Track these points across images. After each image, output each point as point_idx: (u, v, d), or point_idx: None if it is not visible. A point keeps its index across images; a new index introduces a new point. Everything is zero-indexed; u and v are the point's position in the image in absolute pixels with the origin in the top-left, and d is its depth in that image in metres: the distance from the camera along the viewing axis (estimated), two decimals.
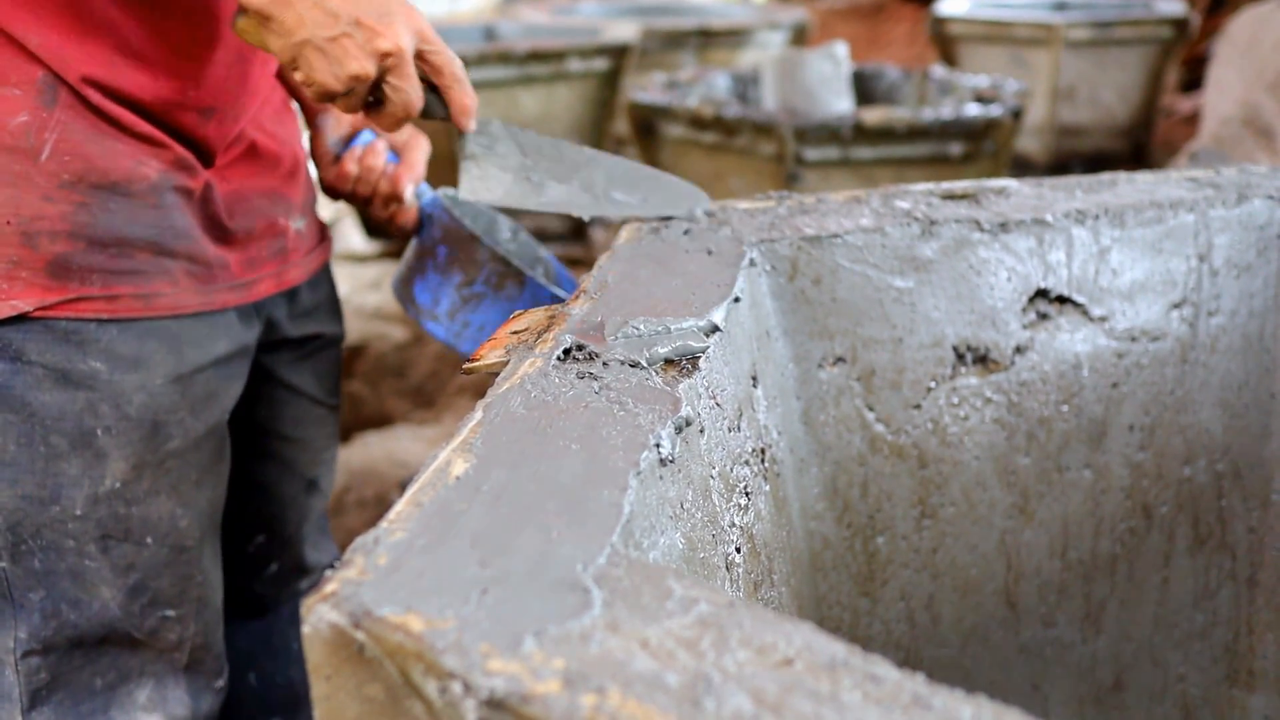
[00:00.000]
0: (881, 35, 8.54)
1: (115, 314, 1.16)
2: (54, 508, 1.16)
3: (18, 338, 1.13)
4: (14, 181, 1.10)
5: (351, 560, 0.60)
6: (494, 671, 0.51)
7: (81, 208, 1.13)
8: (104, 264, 1.15)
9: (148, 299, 1.18)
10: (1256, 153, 4.14)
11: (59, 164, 1.11)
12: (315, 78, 1.09)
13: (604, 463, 0.71)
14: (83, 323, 1.15)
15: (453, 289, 1.36)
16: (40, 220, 1.11)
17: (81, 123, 1.12)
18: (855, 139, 3.43)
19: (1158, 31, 5.59)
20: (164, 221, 1.18)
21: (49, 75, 1.10)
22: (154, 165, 1.16)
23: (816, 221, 1.23)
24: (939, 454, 1.25)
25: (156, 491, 1.21)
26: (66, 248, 1.13)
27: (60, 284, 1.13)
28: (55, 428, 1.15)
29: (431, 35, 1.15)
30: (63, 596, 1.18)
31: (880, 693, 0.51)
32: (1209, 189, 1.34)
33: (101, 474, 1.17)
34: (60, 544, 1.17)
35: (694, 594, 0.58)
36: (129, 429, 1.18)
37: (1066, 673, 1.35)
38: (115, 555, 1.19)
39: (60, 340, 1.14)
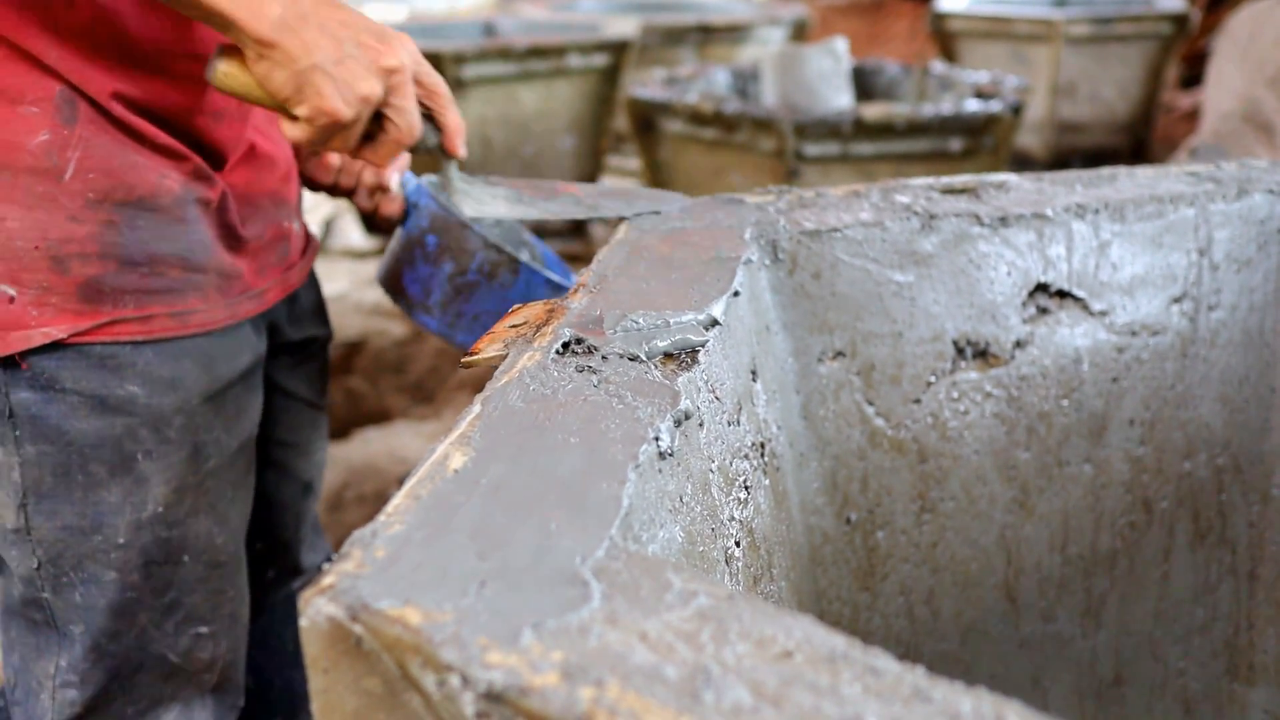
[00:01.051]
0: (881, 31, 8.54)
1: (151, 335, 1.14)
2: (96, 537, 1.14)
3: (51, 366, 1.10)
4: (39, 204, 1.07)
5: (349, 553, 0.60)
6: (492, 664, 0.51)
7: (110, 226, 1.10)
8: (137, 284, 1.12)
9: (182, 317, 1.16)
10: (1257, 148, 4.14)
11: (84, 182, 1.08)
12: (325, 105, 1.05)
13: (603, 456, 0.71)
14: (118, 346, 1.12)
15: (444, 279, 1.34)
16: (69, 243, 1.08)
17: (103, 138, 1.09)
18: (855, 135, 3.43)
19: (1158, 27, 5.59)
20: (190, 235, 1.16)
21: (67, 90, 1.07)
22: (176, 178, 1.14)
23: (816, 216, 1.22)
24: (939, 448, 1.25)
25: (196, 511, 1.19)
26: (98, 270, 1.10)
27: (93, 308, 1.10)
28: (94, 456, 1.12)
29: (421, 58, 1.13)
30: (102, 631, 1.16)
31: (880, 685, 0.50)
32: (1209, 183, 1.34)
33: (144, 499, 1.15)
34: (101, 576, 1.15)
35: (693, 587, 0.57)
36: (170, 452, 1.16)
37: (1066, 667, 1.35)
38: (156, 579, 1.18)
39: (96, 366, 1.11)
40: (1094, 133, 5.71)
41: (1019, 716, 0.49)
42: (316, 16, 1.03)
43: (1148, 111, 5.77)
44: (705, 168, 3.81)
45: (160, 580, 1.18)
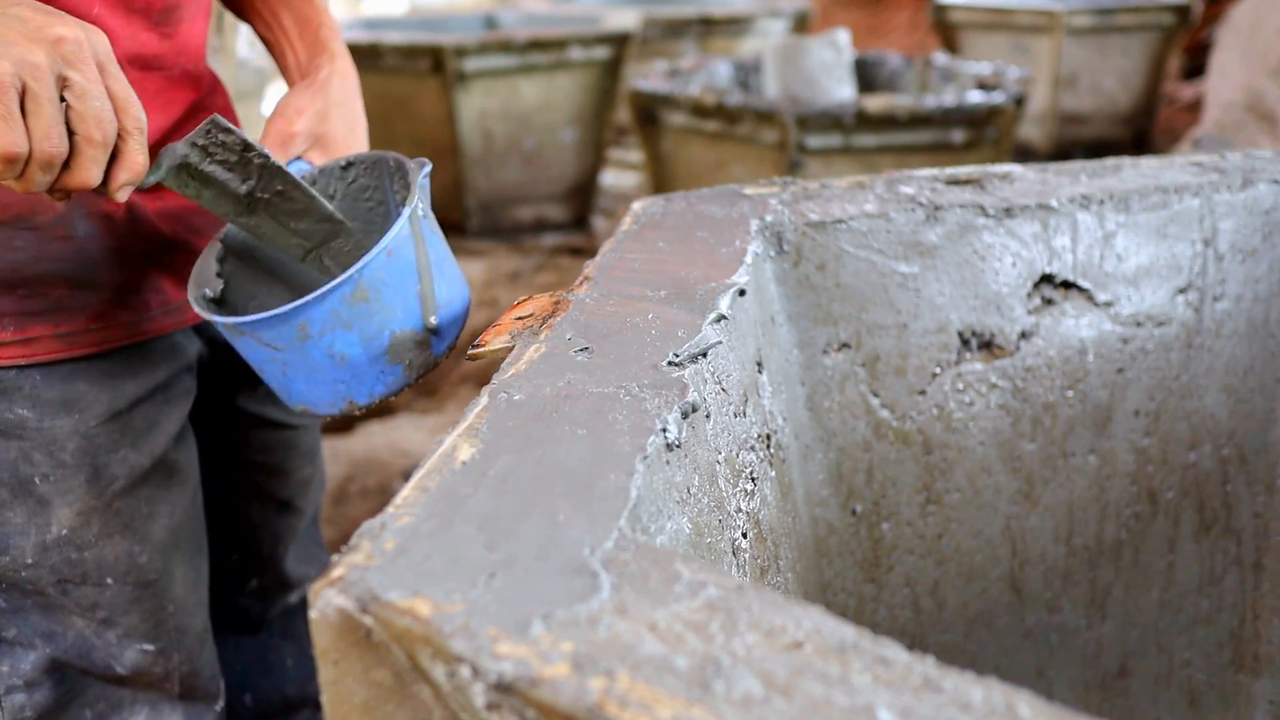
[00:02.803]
0: (883, 23, 8.53)
1: (34, 358, 1.07)
2: (4, 557, 1.10)
3: None
4: None
5: (358, 545, 0.60)
6: (502, 655, 0.51)
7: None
8: (14, 306, 1.05)
9: (69, 338, 1.09)
10: (1259, 138, 4.14)
11: None
12: None
13: (610, 448, 0.71)
14: (1, 370, 1.06)
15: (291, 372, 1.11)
16: None
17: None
18: (857, 126, 3.43)
19: (1159, 18, 5.59)
20: (79, 253, 1.08)
21: None
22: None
23: (821, 207, 1.22)
24: (944, 440, 1.25)
25: (109, 534, 1.14)
26: None
27: None
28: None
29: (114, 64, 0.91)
30: (36, 630, 1.14)
31: (890, 675, 0.50)
32: (1214, 174, 1.34)
33: (47, 522, 1.10)
34: (21, 586, 1.12)
35: (702, 577, 0.57)
36: (67, 475, 1.10)
37: (1071, 658, 1.35)
38: (77, 596, 1.14)
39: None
40: (1096, 124, 5.70)
41: (1030, 706, 0.49)
42: None
43: (1150, 102, 5.77)
44: (707, 160, 3.81)
45: (85, 599, 1.14)
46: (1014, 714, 0.48)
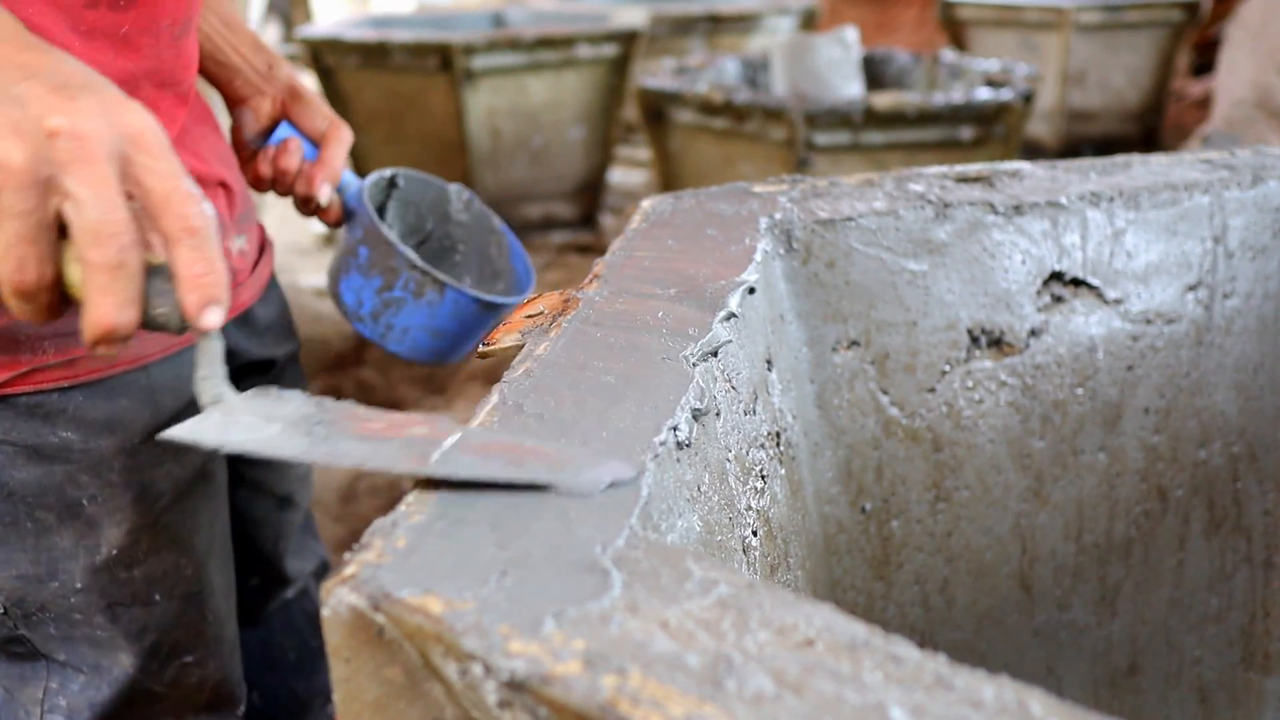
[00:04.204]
0: (890, 20, 8.52)
1: (77, 379, 1.06)
2: (53, 584, 1.09)
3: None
4: None
5: (370, 543, 0.60)
6: (514, 653, 0.51)
7: None
8: (53, 329, 1.03)
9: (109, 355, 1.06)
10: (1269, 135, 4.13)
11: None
12: None
13: (621, 445, 0.71)
14: (44, 394, 1.05)
15: (374, 292, 1.30)
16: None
17: None
18: (866, 123, 3.42)
19: (1168, 15, 5.58)
20: None
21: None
22: None
23: (830, 205, 1.22)
24: (953, 437, 1.25)
25: (157, 549, 1.14)
26: (7, 320, 1.01)
27: (11, 358, 1.03)
28: (39, 503, 1.07)
29: (157, 146, 0.75)
30: (84, 660, 1.13)
31: (902, 673, 0.50)
32: (1224, 170, 1.34)
33: (96, 543, 1.10)
34: (69, 616, 1.12)
35: (713, 575, 0.57)
36: (115, 495, 1.10)
37: (1081, 656, 1.35)
38: (126, 621, 1.13)
39: (25, 415, 1.05)
40: (1104, 121, 5.69)
41: (1041, 704, 0.49)
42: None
43: (1158, 99, 5.76)
44: (715, 157, 3.81)
45: (134, 623, 1.14)
46: (1026, 712, 0.48)
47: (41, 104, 0.71)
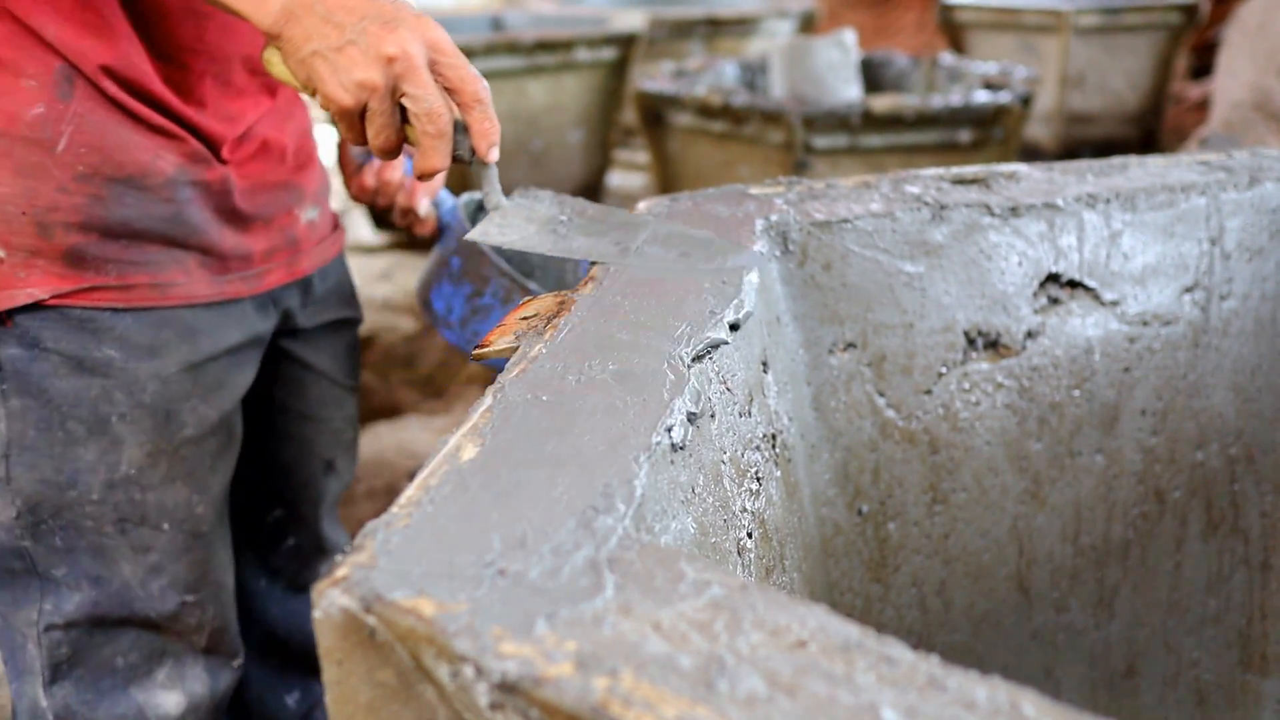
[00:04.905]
0: (889, 23, 8.52)
1: (130, 303, 1.18)
2: (71, 492, 1.18)
3: (34, 325, 1.15)
4: (31, 172, 1.11)
5: (362, 545, 0.60)
6: (506, 655, 0.51)
7: (96, 201, 1.14)
8: (118, 254, 1.16)
9: (162, 288, 1.19)
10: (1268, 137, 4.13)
11: (75, 156, 1.12)
12: (326, 90, 1.04)
13: (615, 447, 0.71)
14: (98, 311, 1.16)
15: (463, 299, 1.38)
16: (55, 211, 1.13)
17: (98, 115, 1.13)
18: (864, 126, 3.42)
19: (1167, 18, 5.58)
20: (178, 215, 1.19)
21: (66, 67, 1.11)
22: (170, 159, 1.17)
23: (826, 207, 1.22)
24: (950, 439, 1.25)
25: (172, 479, 1.23)
26: (80, 239, 1.14)
27: (76, 273, 1.15)
28: (72, 414, 1.17)
29: (448, 48, 1.05)
30: (84, 573, 1.21)
31: (895, 674, 0.50)
32: (1220, 172, 1.34)
33: (117, 460, 1.19)
34: (79, 524, 1.19)
35: (706, 577, 0.57)
36: (143, 416, 1.19)
37: (1079, 658, 1.35)
38: (133, 537, 1.22)
39: (75, 328, 1.16)
40: (1103, 123, 5.69)
41: (1034, 705, 0.49)
42: (321, 4, 1.02)
43: (1157, 102, 5.75)
44: (714, 160, 3.81)
45: (140, 541, 1.22)
46: (1018, 713, 0.48)
47: (377, 38, 1.01)
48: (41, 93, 1.11)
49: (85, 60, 1.11)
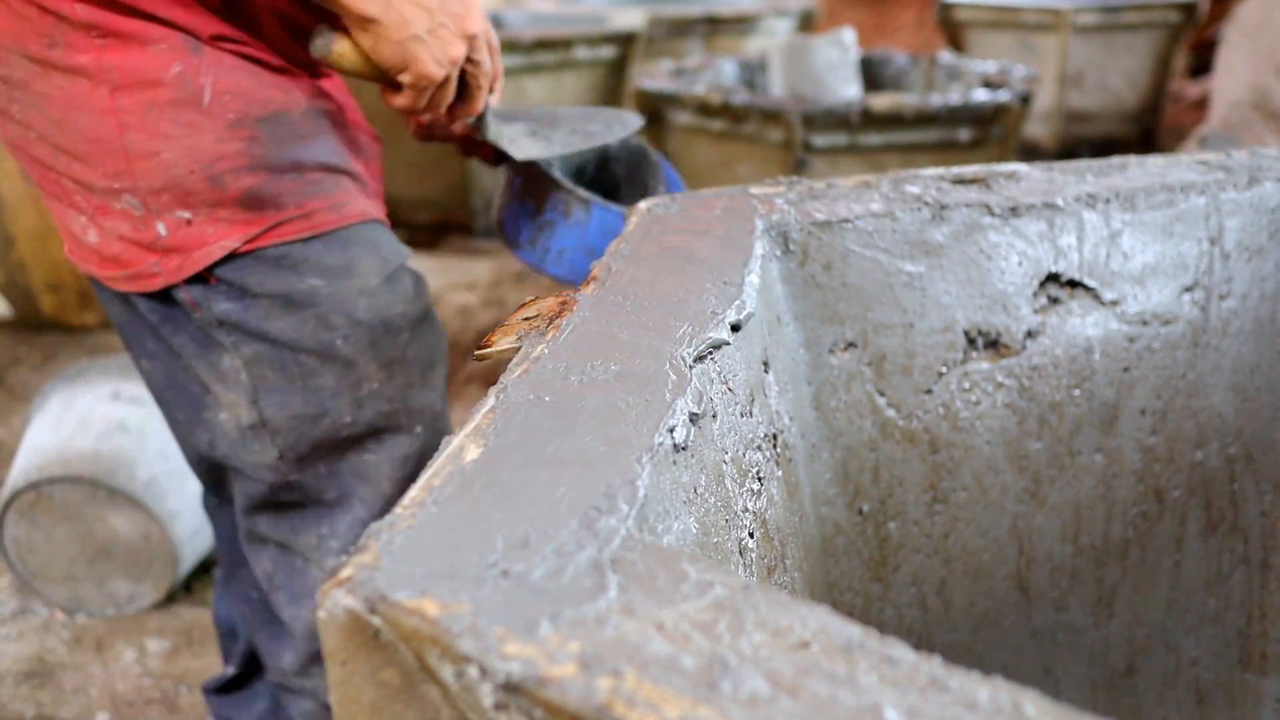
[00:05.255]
0: (888, 21, 8.52)
1: (315, 229, 1.24)
2: (324, 420, 1.26)
3: (237, 275, 1.22)
4: (187, 131, 1.17)
5: (366, 546, 0.60)
6: (510, 655, 0.51)
7: (254, 141, 1.20)
8: (290, 187, 1.23)
9: (337, 209, 1.26)
10: (1266, 137, 4.13)
11: (222, 105, 1.18)
12: (424, 69, 1.19)
13: (617, 447, 0.71)
14: (289, 245, 1.23)
15: (529, 218, 1.44)
16: (220, 160, 1.18)
17: (229, 61, 1.19)
18: (863, 125, 3.42)
19: (1165, 16, 5.58)
20: (325, 142, 1.26)
21: (184, 34, 1.16)
22: (298, 94, 1.24)
23: (826, 206, 1.22)
24: (950, 439, 1.25)
25: (409, 383, 1.31)
26: (252, 180, 1.20)
27: (258, 214, 1.21)
28: (299, 347, 1.25)
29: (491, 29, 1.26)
30: (353, 493, 1.30)
31: (897, 675, 0.51)
32: (1220, 172, 1.34)
33: (356, 379, 1.27)
34: (340, 447, 1.28)
35: (709, 577, 0.58)
36: (363, 333, 1.27)
37: (1078, 657, 1.35)
38: (390, 447, 1.31)
39: (274, 267, 1.23)
40: (1102, 122, 5.70)
41: (1036, 705, 0.49)
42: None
43: (1156, 100, 5.76)
44: (713, 159, 3.81)
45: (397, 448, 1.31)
46: (1020, 713, 0.48)
47: (459, 19, 1.19)
48: (174, 53, 1.15)
49: (198, 32, 1.17)
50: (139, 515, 2.32)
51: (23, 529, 2.35)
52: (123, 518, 2.33)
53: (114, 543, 2.35)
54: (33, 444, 2.42)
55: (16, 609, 2.45)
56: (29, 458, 2.38)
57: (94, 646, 2.33)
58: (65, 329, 4.00)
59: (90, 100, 1.15)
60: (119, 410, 2.43)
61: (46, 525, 2.34)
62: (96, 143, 1.17)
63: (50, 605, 2.43)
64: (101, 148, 1.17)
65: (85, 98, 1.15)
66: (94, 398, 2.46)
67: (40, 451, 2.37)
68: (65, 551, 2.37)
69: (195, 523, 2.41)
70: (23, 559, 2.38)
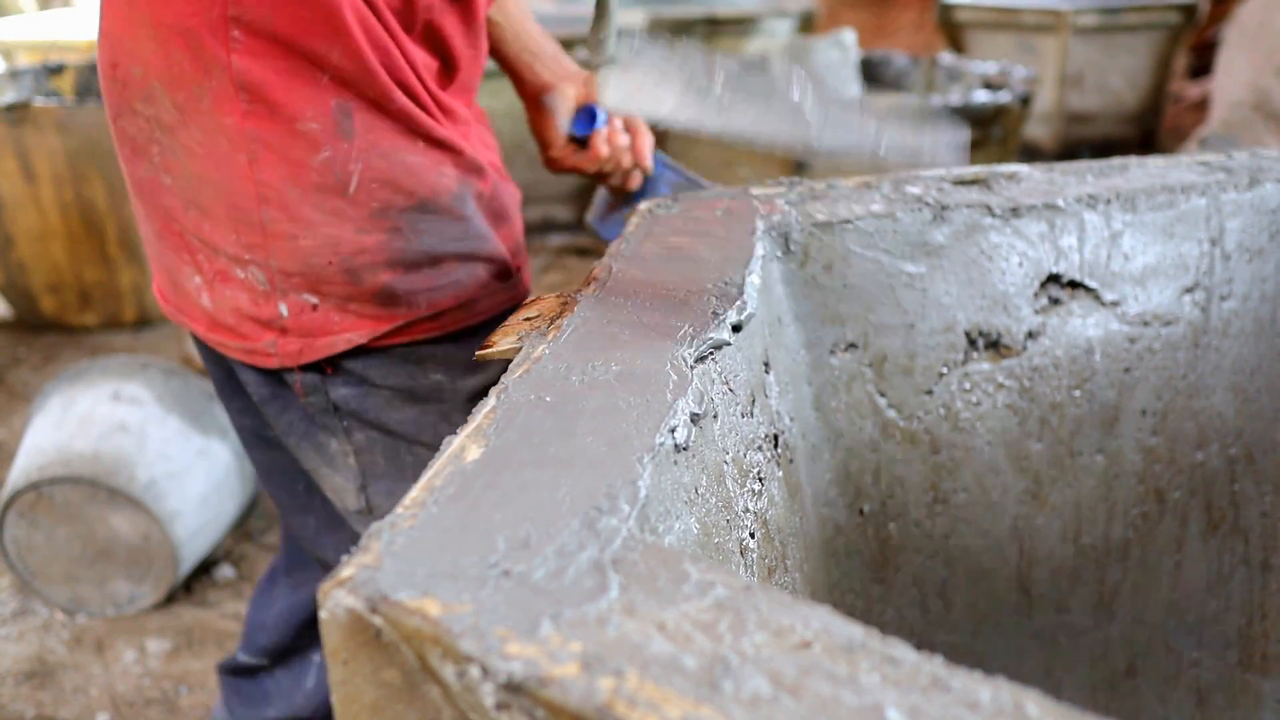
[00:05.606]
0: (889, 22, 8.52)
1: (444, 330, 1.19)
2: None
3: (359, 366, 1.17)
4: (328, 220, 1.11)
5: (368, 546, 0.60)
6: (512, 655, 0.51)
7: (395, 234, 1.13)
8: (425, 284, 1.16)
9: (468, 307, 1.20)
10: (1266, 137, 4.13)
11: (367, 194, 1.11)
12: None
13: (618, 448, 0.71)
14: (417, 344, 1.18)
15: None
16: (361, 254, 1.12)
17: (383, 145, 1.11)
18: None
19: (1166, 17, 5.58)
20: (468, 230, 1.19)
21: (342, 102, 1.09)
22: (451, 174, 1.16)
23: (827, 207, 1.22)
24: (951, 440, 1.25)
25: None
26: (389, 277, 1.14)
27: (389, 312, 1.15)
28: (416, 439, 1.20)
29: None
30: None
31: (899, 675, 0.51)
32: (1220, 173, 1.34)
33: None
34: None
35: (710, 577, 0.57)
36: None
37: (1079, 658, 1.35)
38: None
39: (399, 361, 1.18)
40: (1102, 123, 5.70)
41: (1037, 705, 0.49)
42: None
43: (1156, 101, 5.76)
44: (714, 160, 3.81)
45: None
46: (1022, 713, 0.48)
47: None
48: (324, 135, 1.08)
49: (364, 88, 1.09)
50: (139, 516, 2.32)
51: (23, 529, 2.35)
52: (123, 518, 2.33)
53: (114, 543, 2.35)
54: (33, 444, 2.42)
55: (17, 609, 2.45)
56: (29, 458, 2.38)
57: (94, 647, 2.33)
58: (65, 329, 4.00)
59: (230, 165, 1.09)
60: (119, 411, 2.43)
61: (47, 526, 2.34)
62: (233, 209, 1.11)
63: (50, 605, 2.43)
64: (237, 215, 1.11)
65: (226, 160, 1.09)
66: (94, 398, 2.46)
67: (41, 452, 2.37)
68: (65, 552, 2.37)
69: (195, 523, 2.41)
70: (23, 559, 2.38)
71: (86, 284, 3.88)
